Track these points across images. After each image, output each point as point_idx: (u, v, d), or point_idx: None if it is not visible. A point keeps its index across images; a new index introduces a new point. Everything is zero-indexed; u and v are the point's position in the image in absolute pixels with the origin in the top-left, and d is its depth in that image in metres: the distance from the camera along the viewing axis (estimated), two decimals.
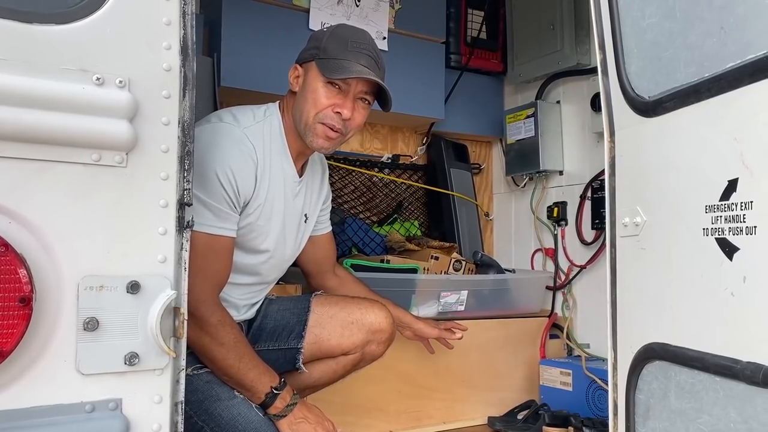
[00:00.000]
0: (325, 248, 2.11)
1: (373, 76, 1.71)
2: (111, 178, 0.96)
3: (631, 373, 1.30)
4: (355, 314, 1.96)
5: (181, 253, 1.02)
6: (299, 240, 1.96)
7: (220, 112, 1.81)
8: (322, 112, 1.72)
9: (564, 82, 2.98)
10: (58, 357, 0.93)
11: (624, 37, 1.35)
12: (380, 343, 1.98)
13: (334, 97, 1.72)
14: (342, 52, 1.72)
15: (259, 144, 1.74)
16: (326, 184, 2.07)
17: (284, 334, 1.94)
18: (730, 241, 1.07)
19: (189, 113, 1.03)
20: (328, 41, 1.75)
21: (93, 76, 0.95)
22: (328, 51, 1.73)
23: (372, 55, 1.75)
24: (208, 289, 1.64)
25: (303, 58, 1.80)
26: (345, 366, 1.99)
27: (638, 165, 1.33)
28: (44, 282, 0.91)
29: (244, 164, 1.69)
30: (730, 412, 1.07)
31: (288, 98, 1.85)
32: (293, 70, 1.81)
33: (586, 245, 2.82)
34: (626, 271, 1.35)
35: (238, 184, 1.66)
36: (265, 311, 1.99)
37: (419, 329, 2.17)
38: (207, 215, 1.62)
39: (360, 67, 1.70)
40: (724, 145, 1.09)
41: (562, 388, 2.61)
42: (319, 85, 1.72)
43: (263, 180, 1.75)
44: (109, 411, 0.95)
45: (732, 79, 1.08)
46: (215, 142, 1.66)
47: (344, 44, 1.73)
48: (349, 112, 1.72)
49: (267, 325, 1.97)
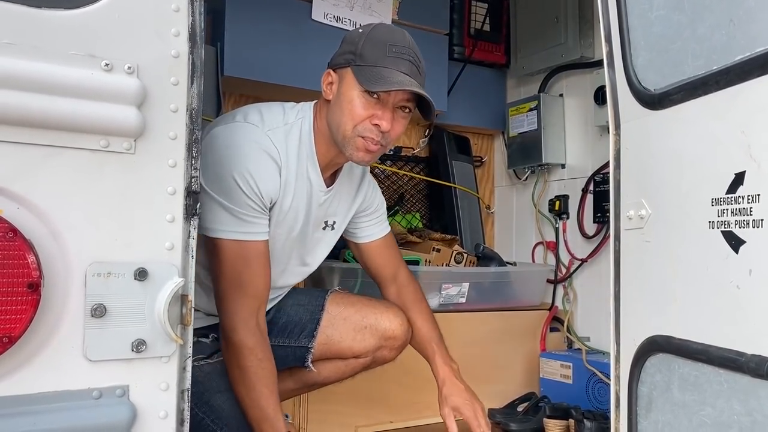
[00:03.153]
0: (374, 258, 1.97)
1: (415, 87, 1.56)
2: (119, 164, 0.96)
3: (633, 366, 1.31)
4: (369, 318, 1.91)
5: (189, 240, 1.02)
6: (322, 249, 1.88)
7: (246, 110, 1.69)
8: (361, 125, 1.59)
9: (567, 75, 2.97)
10: (65, 343, 0.93)
11: (631, 29, 1.35)
12: (392, 349, 1.94)
13: (372, 108, 1.58)
14: (381, 58, 1.57)
15: (283, 148, 1.63)
16: (364, 190, 1.92)
17: (296, 332, 1.91)
18: (737, 234, 1.07)
19: (197, 100, 1.03)
20: (364, 45, 1.59)
21: (101, 62, 0.95)
22: (365, 57, 1.58)
23: (413, 60, 1.60)
24: (247, 305, 1.58)
25: (337, 63, 1.64)
26: (354, 368, 1.96)
27: (644, 158, 1.33)
28: (52, 268, 0.91)
29: (266, 167, 1.59)
30: (734, 405, 1.07)
31: (321, 104, 1.71)
32: (326, 76, 1.67)
33: (587, 239, 2.82)
34: (630, 263, 1.35)
35: (260, 187, 1.56)
36: (279, 304, 1.93)
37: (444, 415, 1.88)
38: (231, 221, 1.54)
39: (401, 76, 1.55)
40: (732, 138, 1.09)
41: (562, 380, 2.62)
42: (356, 94, 1.58)
43: (288, 186, 1.65)
44: (117, 398, 0.95)
45: (740, 71, 1.07)
46: (234, 143, 1.57)
47: (383, 49, 1.57)
48: (388, 124, 1.59)
49: (279, 319, 1.92)
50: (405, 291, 1.98)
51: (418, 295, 1.99)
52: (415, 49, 1.62)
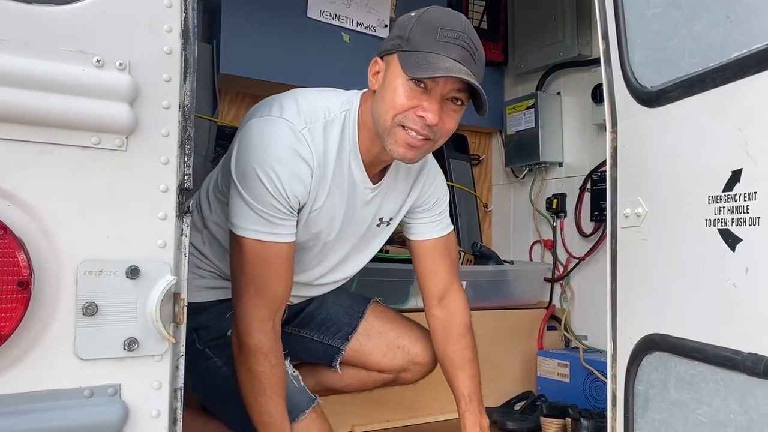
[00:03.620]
0: (422, 262, 1.79)
1: (464, 76, 1.37)
2: (111, 161, 0.95)
3: (630, 364, 1.30)
4: (403, 339, 1.86)
5: (182, 238, 1.01)
6: (374, 246, 1.79)
7: (284, 101, 1.54)
8: (402, 115, 1.44)
9: (565, 73, 2.97)
10: (56, 342, 0.92)
11: (628, 26, 1.34)
12: (416, 374, 1.91)
13: (417, 98, 1.42)
14: (430, 43, 1.40)
15: (320, 146, 1.51)
16: (422, 184, 1.74)
17: (331, 331, 1.88)
18: (733, 232, 1.07)
19: (190, 97, 1.02)
20: (414, 29, 1.43)
21: (93, 58, 0.94)
22: (413, 41, 1.42)
23: (467, 46, 1.41)
24: (265, 308, 1.52)
25: (385, 50, 1.49)
26: (375, 382, 1.93)
27: (640, 155, 1.33)
28: (43, 266, 0.90)
29: (295, 169, 1.47)
30: (730, 404, 1.07)
31: (368, 95, 1.57)
32: (373, 65, 1.52)
33: (584, 237, 2.82)
34: (627, 262, 1.35)
35: (287, 189, 1.46)
36: (321, 298, 1.86)
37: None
38: (255, 220, 1.47)
39: (450, 62, 1.38)
40: (728, 136, 1.09)
41: (559, 379, 2.61)
42: (400, 82, 1.42)
43: (323, 185, 1.54)
44: (108, 396, 0.94)
45: (737, 69, 1.07)
46: (265, 139, 1.48)
47: (433, 32, 1.41)
48: (434, 117, 1.42)
49: (318, 315, 1.88)
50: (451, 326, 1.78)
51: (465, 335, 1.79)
52: (471, 33, 1.44)
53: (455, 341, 1.76)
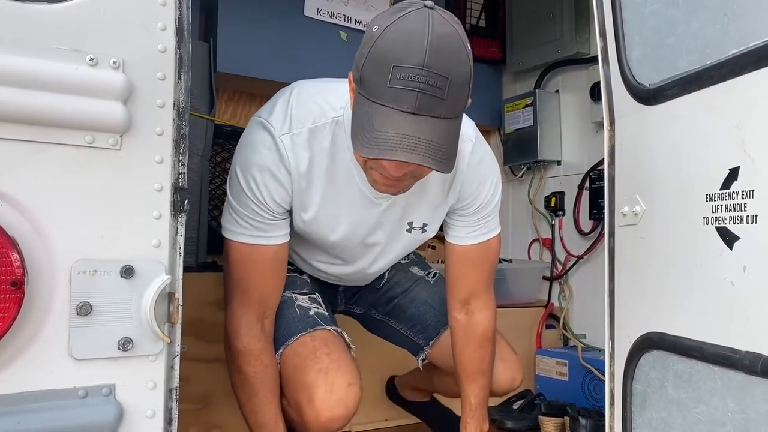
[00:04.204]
0: (451, 264, 1.66)
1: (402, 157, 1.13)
2: (104, 160, 0.95)
3: (628, 363, 1.30)
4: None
5: (176, 237, 1.00)
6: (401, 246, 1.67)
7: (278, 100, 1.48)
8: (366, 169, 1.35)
9: (563, 71, 2.96)
10: (50, 342, 0.91)
11: (625, 23, 1.34)
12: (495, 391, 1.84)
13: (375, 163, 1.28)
14: (381, 90, 1.15)
15: (304, 152, 1.41)
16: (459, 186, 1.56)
17: (417, 329, 1.85)
18: (731, 230, 1.07)
19: (184, 95, 1.02)
20: (365, 65, 1.19)
21: (86, 57, 0.93)
22: (365, 83, 1.19)
23: (427, 85, 1.13)
24: (252, 311, 1.49)
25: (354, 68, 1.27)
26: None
27: (638, 153, 1.32)
28: (36, 265, 0.90)
29: (273, 173, 1.40)
30: (728, 402, 1.07)
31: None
32: (350, 81, 1.29)
33: (583, 236, 2.81)
34: (625, 260, 1.35)
35: (263, 194, 1.40)
36: (415, 291, 1.83)
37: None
38: (238, 222, 1.43)
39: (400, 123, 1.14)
40: (726, 133, 1.08)
41: (558, 378, 2.61)
42: None
43: (310, 195, 1.45)
44: (103, 397, 0.94)
45: (734, 66, 1.07)
46: (247, 143, 1.44)
47: (385, 74, 1.14)
48: (397, 172, 1.25)
49: (409, 308, 1.83)
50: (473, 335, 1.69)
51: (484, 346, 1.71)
52: (437, 60, 1.14)
53: (473, 350, 1.70)
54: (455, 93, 1.17)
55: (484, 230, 1.65)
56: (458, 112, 1.22)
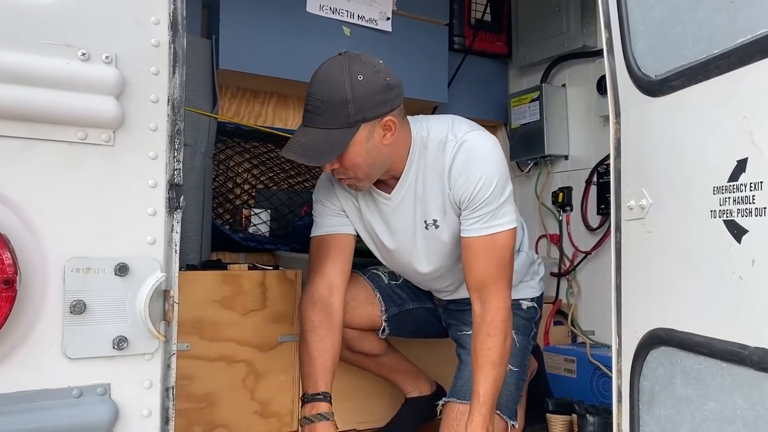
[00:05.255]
0: (464, 253, 1.78)
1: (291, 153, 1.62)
2: (97, 156, 0.94)
3: (635, 360, 1.28)
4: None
5: (172, 234, 0.99)
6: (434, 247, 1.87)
7: None
8: None
9: (570, 64, 2.93)
10: (43, 341, 0.90)
11: (630, 14, 1.32)
12: None
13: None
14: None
15: None
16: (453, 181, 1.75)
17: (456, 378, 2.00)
18: (739, 223, 1.04)
19: (179, 90, 1.00)
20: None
21: (78, 51, 0.92)
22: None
23: (311, 105, 1.61)
24: (316, 285, 1.83)
25: None
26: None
27: (644, 146, 1.30)
28: (29, 264, 0.89)
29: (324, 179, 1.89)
30: (737, 399, 1.04)
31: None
32: None
33: (591, 231, 2.78)
34: (631, 255, 1.33)
35: (320, 194, 1.88)
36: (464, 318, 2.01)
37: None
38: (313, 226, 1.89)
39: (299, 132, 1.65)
40: (733, 124, 1.06)
41: (566, 375, 2.58)
42: None
43: (345, 198, 1.87)
44: (98, 396, 0.93)
45: (742, 55, 1.04)
46: None
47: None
48: (346, 183, 1.76)
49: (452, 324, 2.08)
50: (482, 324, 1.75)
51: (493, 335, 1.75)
52: (318, 86, 1.61)
53: (482, 339, 1.74)
54: (329, 109, 1.59)
55: (487, 224, 1.74)
56: (339, 124, 1.60)
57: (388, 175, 1.78)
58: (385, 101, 1.63)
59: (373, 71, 1.61)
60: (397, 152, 1.73)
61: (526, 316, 2.02)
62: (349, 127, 1.60)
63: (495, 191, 1.72)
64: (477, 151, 1.73)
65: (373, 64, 1.63)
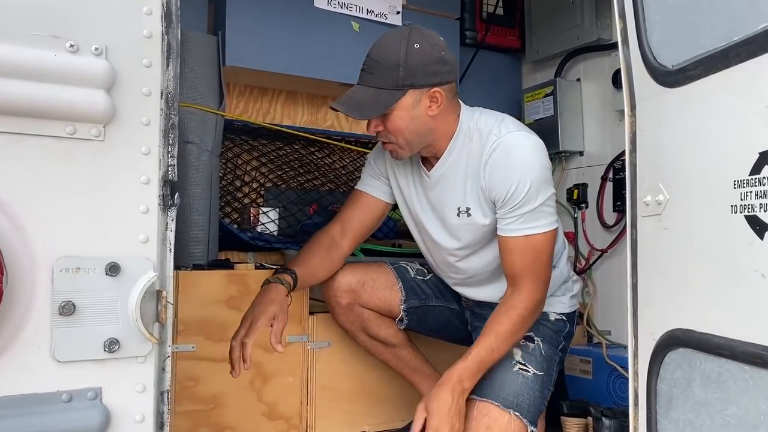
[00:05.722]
0: (502, 253, 1.80)
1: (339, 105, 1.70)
2: (87, 152, 0.90)
3: (652, 361, 1.24)
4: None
5: (166, 232, 0.95)
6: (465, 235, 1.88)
7: None
8: None
9: (584, 58, 2.87)
10: (31, 343, 0.87)
11: (645, 2, 1.27)
12: None
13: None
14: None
15: None
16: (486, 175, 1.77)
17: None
18: (761, 219, 1.00)
19: (173, 83, 0.97)
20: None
21: (66, 43, 0.89)
22: None
23: (365, 65, 1.73)
24: (334, 224, 1.98)
25: None
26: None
27: (661, 139, 1.26)
28: (16, 263, 0.86)
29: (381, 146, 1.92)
30: (759, 403, 1.00)
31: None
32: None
33: (607, 228, 2.73)
34: (648, 252, 1.29)
35: (372, 156, 2.00)
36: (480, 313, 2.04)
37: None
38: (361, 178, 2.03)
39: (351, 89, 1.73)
40: (755, 115, 1.02)
41: (581, 376, 2.53)
42: None
43: (391, 164, 1.95)
44: (88, 400, 0.89)
45: (764, 41, 1.00)
46: None
47: None
48: (372, 131, 1.78)
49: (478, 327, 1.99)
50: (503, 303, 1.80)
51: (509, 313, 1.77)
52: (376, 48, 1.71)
53: (498, 313, 1.78)
54: (378, 67, 1.69)
55: (523, 226, 1.76)
56: (388, 85, 1.68)
57: (430, 152, 1.84)
58: (436, 72, 1.69)
59: (430, 44, 1.69)
60: (440, 129, 1.78)
61: (553, 328, 1.96)
62: (396, 89, 1.68)
63: (530, 193, 1.72)
64: (514, 149, 1.75)
65: (432, 38, 1.72)
